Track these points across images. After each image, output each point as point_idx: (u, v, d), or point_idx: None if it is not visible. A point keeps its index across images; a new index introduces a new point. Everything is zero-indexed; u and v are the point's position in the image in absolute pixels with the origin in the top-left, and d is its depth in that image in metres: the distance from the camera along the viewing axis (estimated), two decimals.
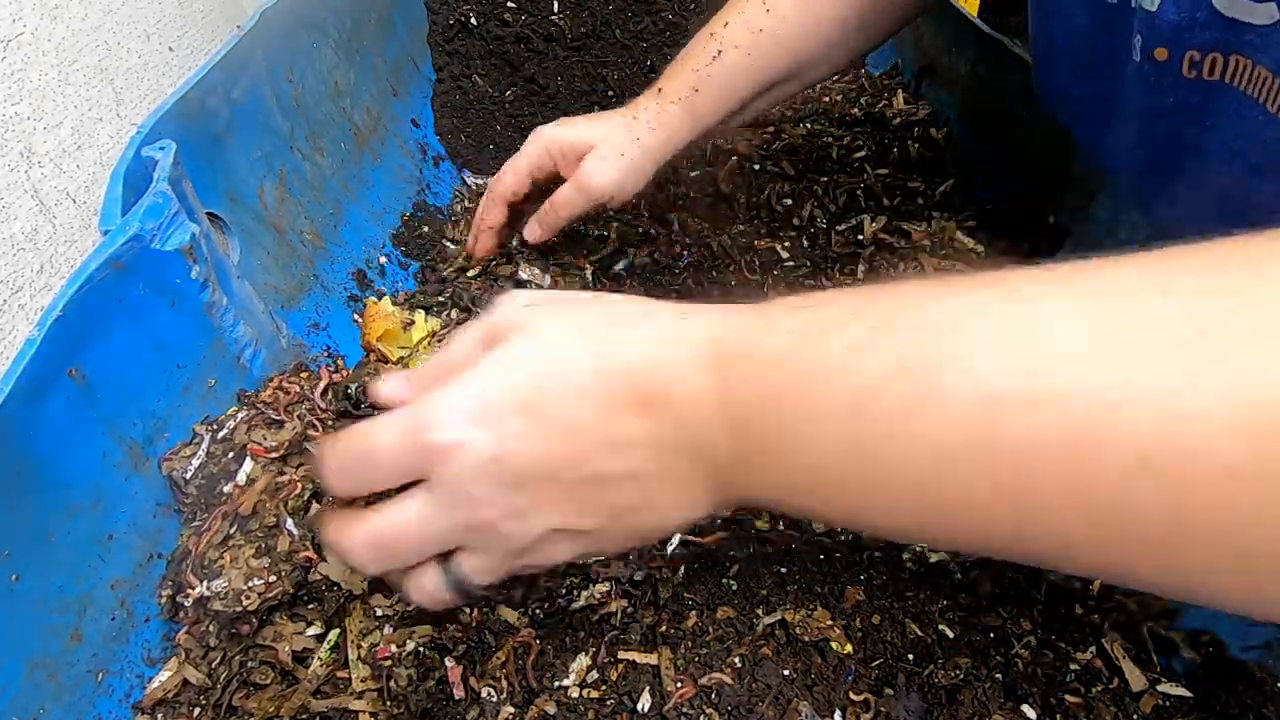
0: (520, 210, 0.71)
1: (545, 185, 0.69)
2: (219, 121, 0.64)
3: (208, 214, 0.60)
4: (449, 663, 0.44)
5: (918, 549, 0.53)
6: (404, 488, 0.33)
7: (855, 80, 1.02)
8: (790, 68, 0.67)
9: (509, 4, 0.99)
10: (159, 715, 0.47)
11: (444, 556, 0.34)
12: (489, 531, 0.32)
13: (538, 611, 0.47)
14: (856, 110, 0.95)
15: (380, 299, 0.69)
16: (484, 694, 0.43)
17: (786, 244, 0.76)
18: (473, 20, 1.00)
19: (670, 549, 0.50)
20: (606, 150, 0.64)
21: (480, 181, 1.02)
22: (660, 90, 0.66)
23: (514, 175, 0.69)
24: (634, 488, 0.31)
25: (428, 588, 0.35)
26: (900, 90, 0.97)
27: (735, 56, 0.64)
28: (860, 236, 0.76)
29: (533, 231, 0.69)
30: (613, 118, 0.66)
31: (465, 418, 0.30)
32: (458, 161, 1.04)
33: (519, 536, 0.32)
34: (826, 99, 0.98)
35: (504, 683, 0.43)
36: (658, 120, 0.65)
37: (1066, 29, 0.55)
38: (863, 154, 0.87)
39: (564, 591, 0.47)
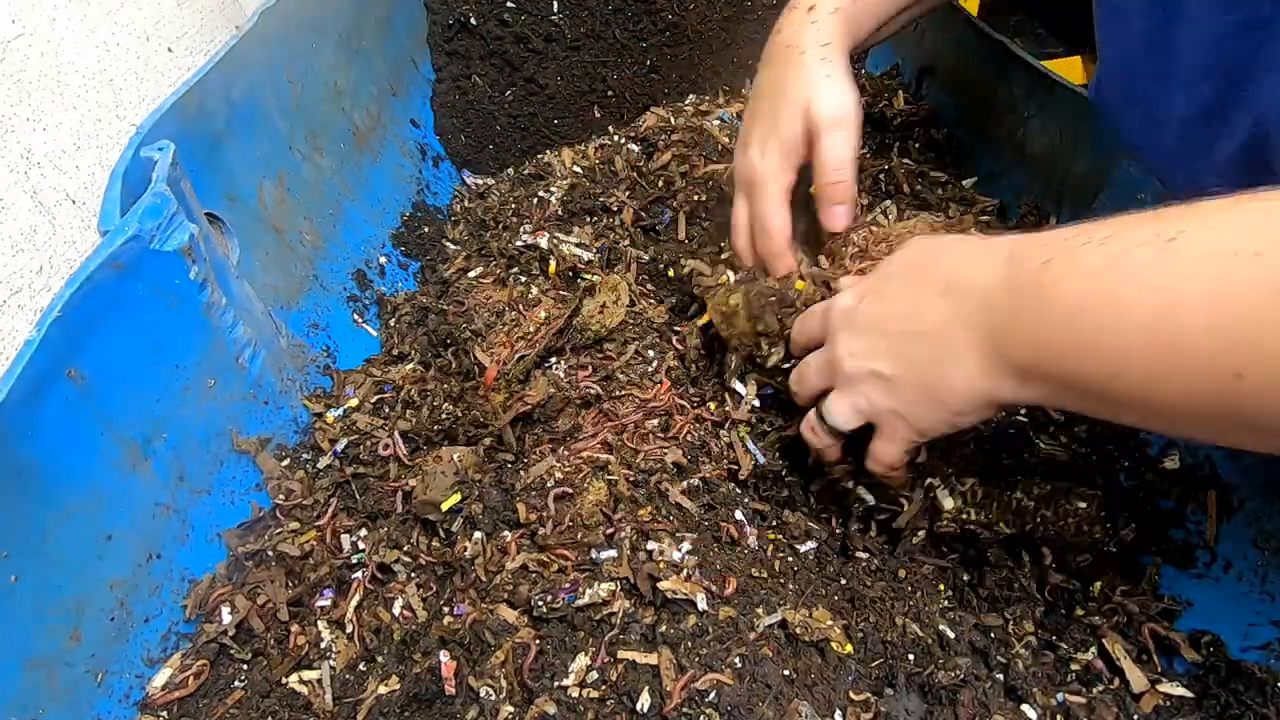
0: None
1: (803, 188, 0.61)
2: (218, 122, 0.63)
3: (206, 214, 0.60)
4: (444, 656, 0.44)
5: (917, 545, 0.53)
6: None
7: (855, 80, 1.02)
8: None
9: (509, 4, 0.99)
10: (162, 715, 0.47)
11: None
12: (839, 369, 0.47)
13: (540, 605, 0.46)
14: None
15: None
16: (482, 693, 0.43)
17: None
18: (472, 20, 1.00)
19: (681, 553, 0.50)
20: (822, 88, 0.57)
21: (479, 181, 1.01)
22: (811, 8, 0.60)
23: (781, 200, 0.59)
24: (929, 345, 0.43)
25: (811, 424, 0.51)
26: (900, 90, 0.97)
27: None
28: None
29: (836, 217, 0.58)
30: (784, 73, 0.59)
31: (850, 293, 0.49)
32: (457, 162, 1.04)
33: (854, 374, 0.46)
34: None
35: (502, 682, 0.43)
36: (834, 37, 0.59)
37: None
38: (863, 153, 0.87)
39: (568, 585, 0.47)
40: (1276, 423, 0.31)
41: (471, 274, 0.75)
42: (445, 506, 0.54)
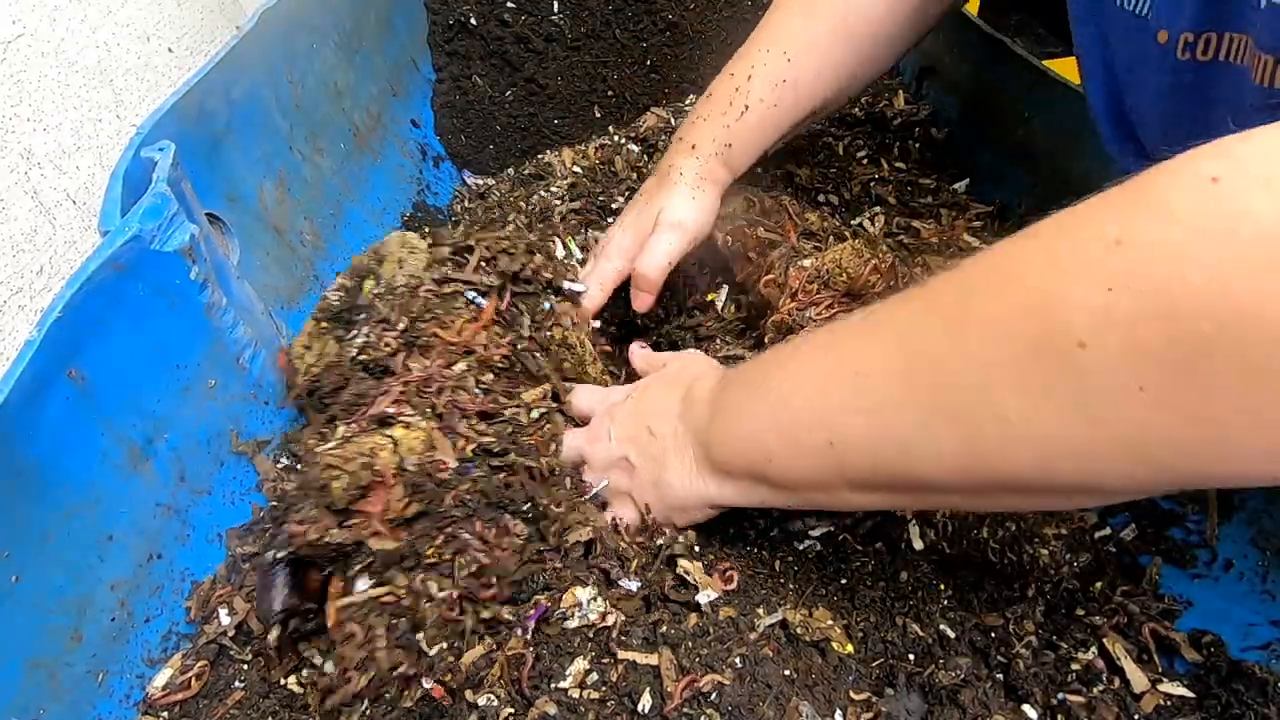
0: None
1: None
2: (218, 122, 0.64)
3: (207, 214, 0.60)
4: (427, 683, 0.43)
5: (918, 546, 0.53)
6: None
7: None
8: (811, 110, 0.68)
9: (509, 4, 0.99)
10: (162, 715, 0.47)
11: None
12: (593, 446, 0.54)
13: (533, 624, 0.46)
14: (857, 110, 0.95)
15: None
16: (481, 702, 0.43)
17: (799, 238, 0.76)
18: (473, 20, 1.00)
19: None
20: (676, 196, 0.66)
21: (480, 181, 1.02)
22: (693, 146, 0.67)
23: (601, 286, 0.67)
24: (661, 447, 0.51)
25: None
26: (900, 90, 0.97)
27: (762, 110, 0.66)
28: (871, 231, 0.75)
29: (641, 302, 0.67)
30: (655, 184, 0.68)
31: (623, 392, 0.57)
32: (457, 162, 1.04)
33: (606, 454, 0.53)
34: None
35: (503, 690, 0.43)
36: (706, 172, 0.67)
37: (1102, 31, 0.56)
38: (864, 154, 0.87)
39: (548, 605, 0.46)
40: (878, 481, 0.40)
41: None
42: None
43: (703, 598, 0.46)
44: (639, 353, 0.63)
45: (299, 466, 0.59)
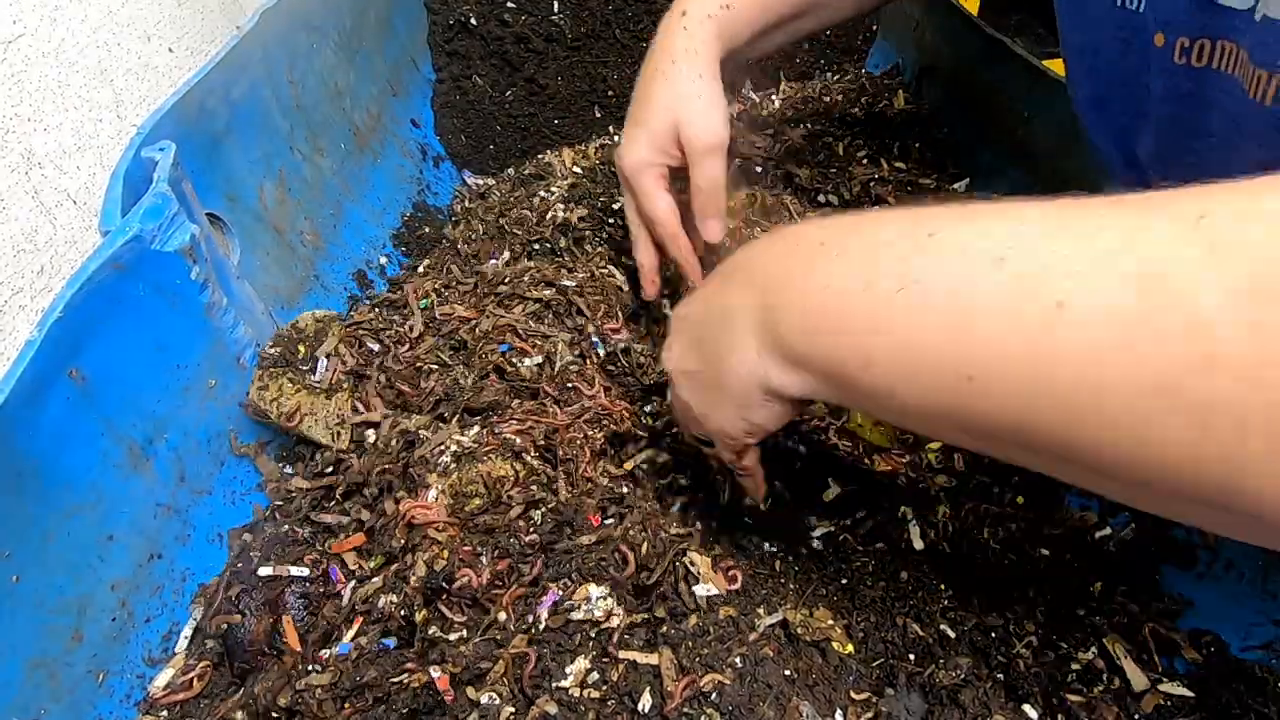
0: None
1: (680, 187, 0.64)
2: (219, 122, 0.64)
3: (207, 214, 0.60)
4: (435, 672, 0.43)
5: (919, 546, 0.53)
6: None
7: (856, 80, 1.02)
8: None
9: (509, 4, 0.99)
10: (163, 715, 0.47)
11: None
12: (670, 375, 0.47)
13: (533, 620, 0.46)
14: (857, 110, 0.95)
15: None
16: (484, 700, 0.43)
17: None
18: (473, 20, 1.00)
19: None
20: (691, 107, 0.60)
21: (480, 181, 1.02)
22: (684, 13, 0.62)
23: (657, 210, 0.63)
24: (721, 334, 0.42)
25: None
26: (901, 90, 0.97)
27: None
28: None
29: (713, 230, 0.62)
30: (655, 81, 0.62)
31: (685, 300, 0.48)
32: (457, 162, 1.04)
33: (676, 376, 0.46)
34: (827, 99, 0.98)
35: (505, 689, 0.43)
36: (691, 47, 0.61)
37: (1095, 37, 0.56)
38: (864, 154, 0.87)
39: (560, 594, 0.47)
40: (1003, 432, 0.30)
41: None
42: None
43: (701, 590, 0.46)
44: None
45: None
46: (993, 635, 0.49)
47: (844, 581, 0.51)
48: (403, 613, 0.47)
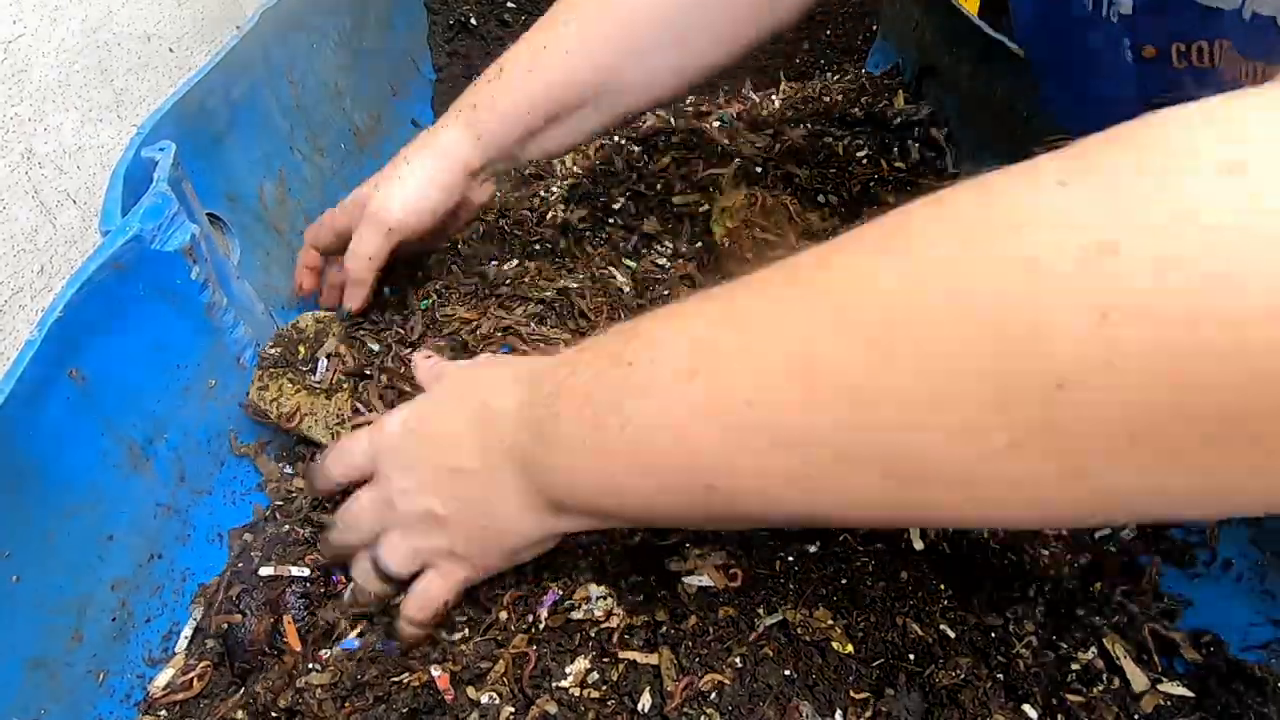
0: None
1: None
2: (219, 122, 0.64)
3: (207, 214, 0.60)
4: (435, 671, 0.43)
5: (919, 546, 0.53)
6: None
7: (855, 80, 1.02)
8: (585, 89, 0.61)
9: (509, 4, 0.99)
10: (163, 715, 0.47)
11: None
12: (391, 509, 0.43)
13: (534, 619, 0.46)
14: (857, 110, 0.95)
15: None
16: (484, 700, 0.43)
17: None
18: (473, 20, 1.00)
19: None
20: (390, 183, 0.62)
21: None
22: (446, 112, 0.64)
23: (320, 229, 0.66)
24: (478, 484, 0.40)
25: (363, 569, 0.46)
26: (900, 90, 0.97)
27: (516, 72, 0.61)
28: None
29: (352, 298, 0.64)
30: (402, 155, 0.64)
31: (395, 420, 0.45)
32: None
33: (408, 514, 0.42)
34: (827, 99, 0.98)
35: (505, 688, 0.43)
36: (432, 142, 0.63)
37: (1057, 46, 0.56)
38: (864, 154, 0.87)
39: (560, 593, 0.47)
40: (769, 520, 0.35)
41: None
42: None
43: (695, 580, 0.46)
44: (424, 364, 0.50)
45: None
46: (993, 635, 0.49)
47: (844, 581, 0.51)
48: None
